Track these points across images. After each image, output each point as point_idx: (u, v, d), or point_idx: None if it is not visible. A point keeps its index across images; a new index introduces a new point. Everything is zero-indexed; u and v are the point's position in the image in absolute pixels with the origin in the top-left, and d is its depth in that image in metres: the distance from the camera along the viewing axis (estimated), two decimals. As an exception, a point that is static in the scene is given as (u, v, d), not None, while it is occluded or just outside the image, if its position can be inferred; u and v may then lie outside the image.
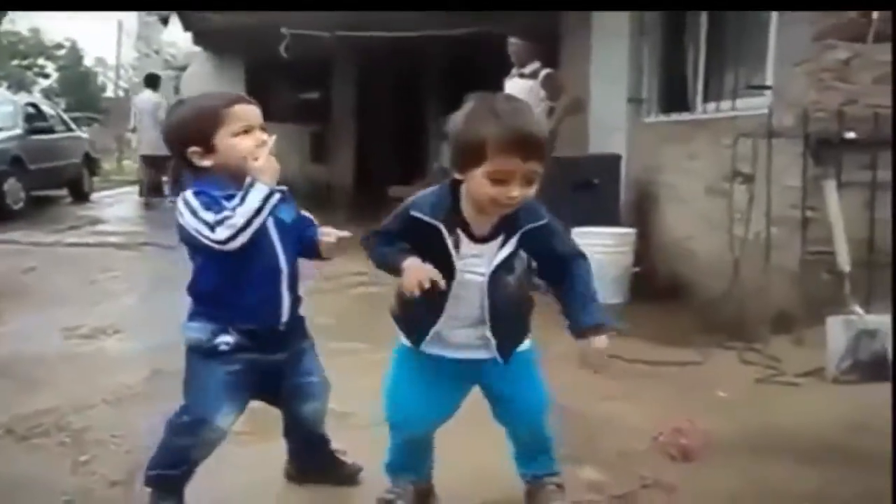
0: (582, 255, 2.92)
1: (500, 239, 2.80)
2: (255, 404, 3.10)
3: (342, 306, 6.52)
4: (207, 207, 2.77)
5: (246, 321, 2.93)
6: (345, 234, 3.07)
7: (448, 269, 2.75)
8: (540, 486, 3.12)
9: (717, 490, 3.38)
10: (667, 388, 4.69)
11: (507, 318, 2.89)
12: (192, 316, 2.98)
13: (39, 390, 4.62)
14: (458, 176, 2.73)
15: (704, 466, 3.60)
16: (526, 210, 2.77)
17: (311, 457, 3.38)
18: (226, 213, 2.74)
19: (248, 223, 2.75)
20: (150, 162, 15.40)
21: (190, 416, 2.93)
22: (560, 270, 2.89)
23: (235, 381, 2.95)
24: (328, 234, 3.07)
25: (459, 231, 2.78)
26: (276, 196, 2.83)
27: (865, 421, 3.98)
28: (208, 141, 2.89)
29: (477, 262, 2.81)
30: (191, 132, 2.91)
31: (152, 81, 16.00)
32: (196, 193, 2.83)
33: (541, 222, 2.81)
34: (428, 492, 3.19)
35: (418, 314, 2.87)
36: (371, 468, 3.31)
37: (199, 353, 2.96)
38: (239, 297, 2.90)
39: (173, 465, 3.00)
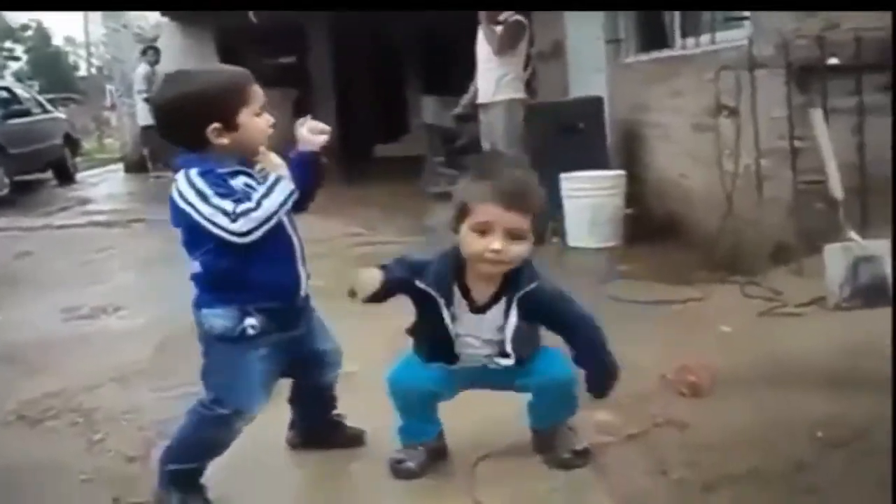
0: (586, 318, 3.02)
1: (499, 307, 2.93)
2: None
3: (337, 268, 6.49)
4: (221, 194, 2.67)
5: (267, 301, 2.85)
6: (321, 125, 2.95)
7: (447, 338, 2.98)
8: (553, 432, 3.16)
9: (729, 423, 3.39)
10: (671, 327, 4.72)
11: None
12: (208, 303, 2.86)
13: (46, 374, 4.62)
14: (455, 235, 2.88)
15: (714, 401, 3.63)
16: (521, 275, 2.90)
17: (319, 421, 3.37)
18: (248, 204, 2.66)
19: (270, 217, 2.69)
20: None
21: (226, 409, 2.84)
22: (566, 334, 3.02)
23: (267, 365, 2.90)
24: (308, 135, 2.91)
25: (461, 299, 2.94)
26: (297, 193, 2.78)
27: (868, 346, 3.97)
28: (233, 118, 2.77)
29: (476, 334, 2.99)
30: (213, 107, 2.76)
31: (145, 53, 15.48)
32: (203, 174, 2.71)
33: (532, 285, 2.91)
34: (440, 449, 3.21)
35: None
36: (374, 428, 3.36)
37: (226, 342, 2.84)
38: (256, 277, 2.81)
39: (197, 457, 2.93)
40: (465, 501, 2.92)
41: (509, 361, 2.98)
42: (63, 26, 77.05)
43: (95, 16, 26.64)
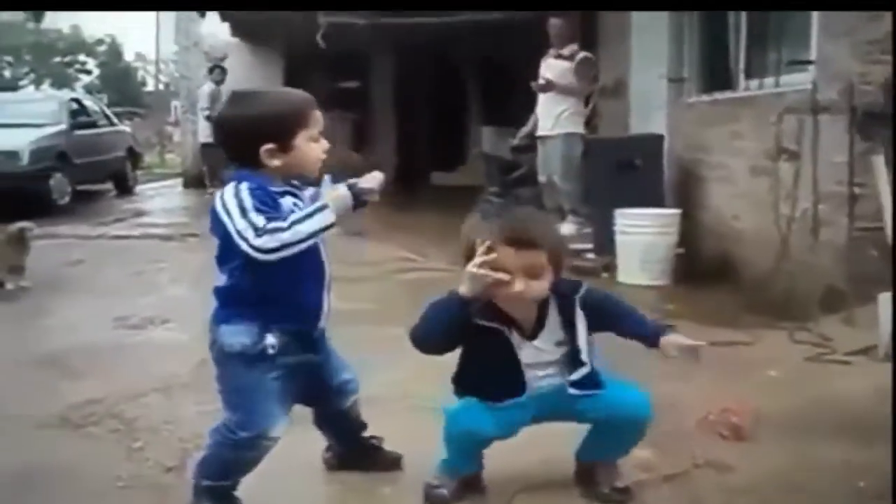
0: (633, 308, 3.10)
1: (551, 324, 2.94)
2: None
3: (385, 292, 6.51)
4: (260, 210, 2.63)
5: (289, 322, 2.84)
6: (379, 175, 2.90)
7: (516, 369, 2.92)
8: (599, 466, 3.13)
9: (769, 468, 3.35)
10: (716, 369, 4.63)
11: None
12: (228, 318, 2.85)
13: (91, 380, 4.65)
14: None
15: (756, 445, 3.58)
16: (563, 286, 2.96)
17: (351, 444, 3.35)
18: (279, 223, 2.62)
19: (298, 243, 2.63)
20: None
21: (247, 432, 2.82)
22: (617, 323, 3.05)
23: (281, 386, 2.86)
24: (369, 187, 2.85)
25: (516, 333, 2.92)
26: (334, 226, 2.73)
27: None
28: (288, 140, 2.77)
29: (539, 360, 2.96)
30: (270, 128, 2.76)
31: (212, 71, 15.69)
32: (252, 190, 2.69)
33: (584, 288, 2.99)
34: (476, 481, 3.17)
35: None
36: (412, 453, 3.34)
37: (242, 360, 2.81)
38: (282, 297, 2.78)
39: (226, 476, 2.94)
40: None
41: (585, 370, 2.96)
42: (135, 43, 78.54)
43: (167, 33, 27.10)
